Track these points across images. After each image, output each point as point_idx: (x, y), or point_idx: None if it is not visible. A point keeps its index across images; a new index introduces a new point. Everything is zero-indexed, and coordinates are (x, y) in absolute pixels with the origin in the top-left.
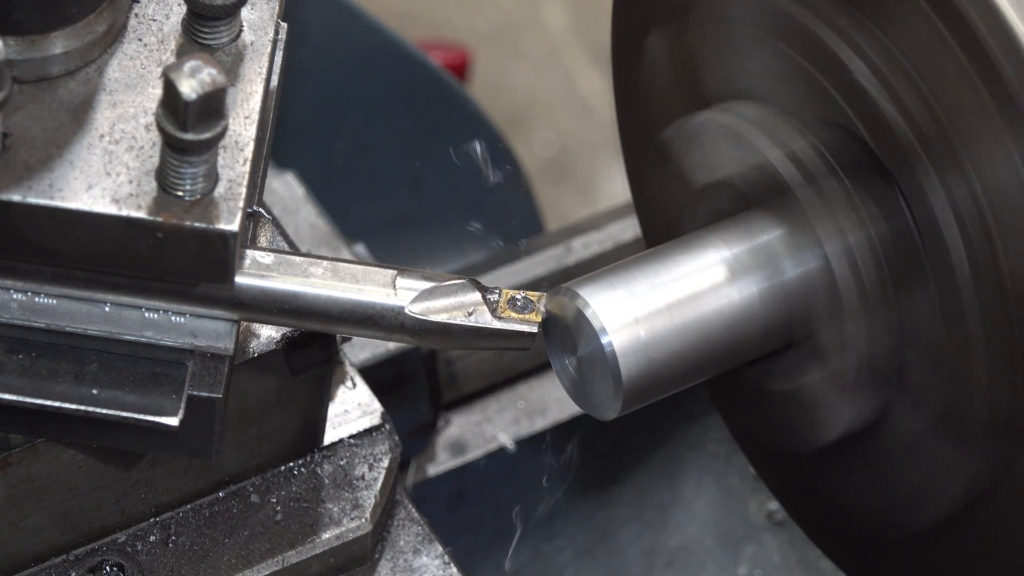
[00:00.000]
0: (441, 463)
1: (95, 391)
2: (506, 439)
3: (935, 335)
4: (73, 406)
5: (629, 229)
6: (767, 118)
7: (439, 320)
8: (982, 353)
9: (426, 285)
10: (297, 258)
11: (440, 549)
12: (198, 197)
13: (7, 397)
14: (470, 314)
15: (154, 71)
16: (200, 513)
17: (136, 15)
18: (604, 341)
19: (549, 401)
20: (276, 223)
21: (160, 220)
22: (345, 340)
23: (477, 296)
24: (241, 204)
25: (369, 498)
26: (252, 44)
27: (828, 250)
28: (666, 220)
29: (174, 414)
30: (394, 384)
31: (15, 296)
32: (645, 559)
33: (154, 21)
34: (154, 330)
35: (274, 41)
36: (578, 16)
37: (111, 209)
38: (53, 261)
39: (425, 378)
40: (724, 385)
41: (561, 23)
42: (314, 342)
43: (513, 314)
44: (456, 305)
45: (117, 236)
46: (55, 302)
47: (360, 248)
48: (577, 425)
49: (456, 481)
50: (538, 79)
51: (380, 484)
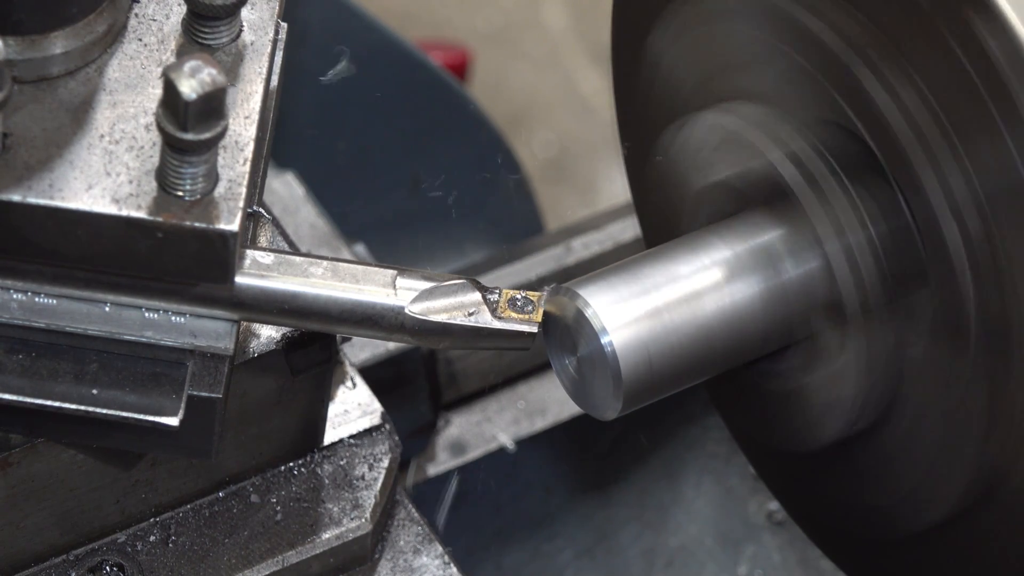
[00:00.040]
0: (441, 463)
1: (95, 391)
2: (506, 439)
3: (935, 335)
4: (73, 406)
5: (629, 229)
6: (767, 118)
7: (439, 320)
8: (982, 353)
9: (426, 285)
10: (297, 258)
11: (440, 549)
12: (198, 197)
13: (7, 397)
14: (470, 314)
15: (154, 71)
16: (200, 513)
17: (136, 15)
18: (604, 341)
19: (549, 401)
20: (276, 223)
21: (160, 220)
22: (345, 340)
23: (477, 296)
24: (241, 204)
25: (369, 498)
26: (252, 44)
27: (828, 250)
28: (666, 220)
29: (174, 414)
30: (394, 384)
31: (15, 296)
32: (645, 559)
33: (154, 21)
34: (154, 330)
35: (274, 41)
36: (578, 16)
37: (111, 209)
38: (53, 261)
39: (425, 378)
40: (724, 385)
41: (561, 23)
42: (314, 342)
43: (513, 314)
44: (456, 305)
45: (117, 236)
46: (55, 302)
47: (360, 248)
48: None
49: (456, 481)
50: (538, 79)
51: (380, 484)
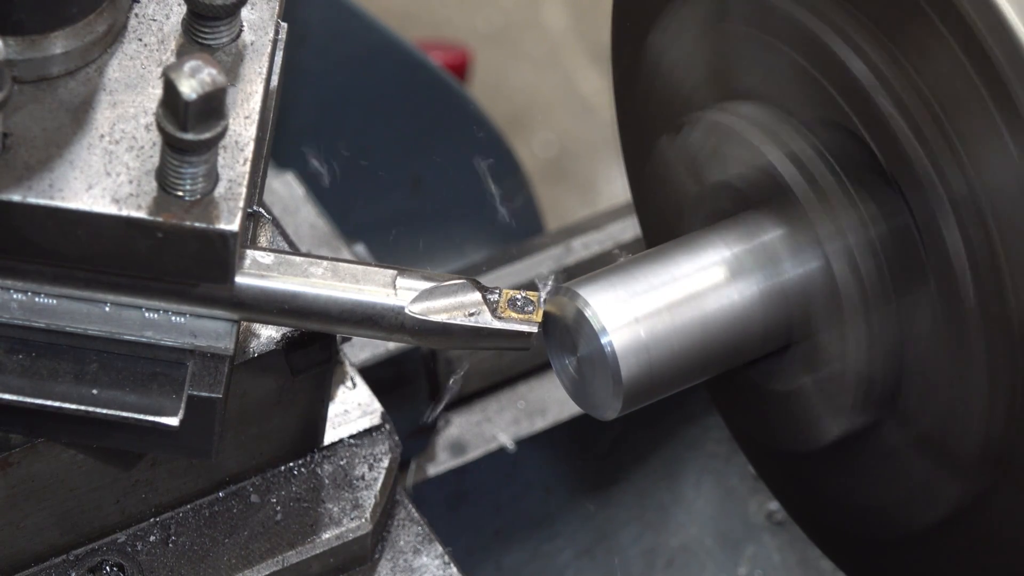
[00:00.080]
0: (441, 463)
1: (95, 391)
2: (506, 439)
3: (935, 335)
4: (73, 406)
5: (629, 229)
6: (767, 118)
7: (439, 320)
8: (982, 353)
9: (426, 285)
10: (297, 258)
11: (440, 549)
12: (198, 197)
13: (7, 397)
14: (470, 314)
15: (154, 71)
16: (200, 513)
17: (136, 15)
18: (604, 341)
19: (549, 401)
20: (276, 223)
21: (160, 220)
22: (345, 340)
23: (477, 296)
24: (241, 204)
25: (369, 498)
26: (252, 44)
27: (828, 250)
28: (666, 220)
29: (174, 414)
30: (394, 384)
31: (15, 296)
32: (645, 559)
33: (154, 21)
34: (154, 330)
35: (274, 41)
36: (578, 16)
37: (111, 209)
38: (53, 261)
39: (425, 378)
40: (724, 385)
41: (561, 23)
42: (314, 342)
43: (513, 314)
44: (456, 305)
45: (117, 236)
46: (55, 302)
47: (360, 248)
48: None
49: (456, 481)
50: (538, 79)
51: (380, 484)
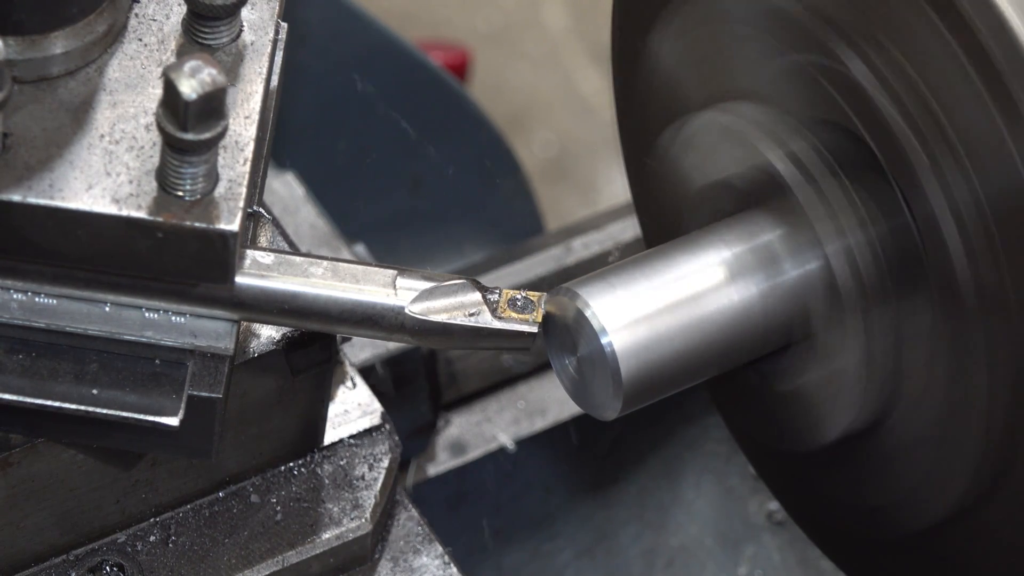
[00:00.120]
0: (441, 463)
1: (95, 391)
2: (506, 439)
3: (935, 335)
4: (73, 406)
5: (629, 229)
6: (767, 118)
7: (439, 320)
8: (982, 353)
9: (426, 285)
10: (297, 258)
11: (440, 549)
12: (198, 197)
13: (7, 397)
14: (470, 314)
15: (154, 71)
16: (200, 513)
17: (136, 15)
18: (604, 341)
19: (549, 401)
20: (276, 223)
21: (160, 220)
22: (345, 340)
23: (477, 296)
24: (241, 204)
25: (369, 498)
26: (252, 44)
27: (828, 250)
28: (666, 220)
29: (174, 414)
30: (394, 384)
31: (15, 296)
32: (645, 559)
33: (154, 21)
34: (154, 330)
35: (274, 41)
36: (578, 16)
37: (111, 209)
38: (53, 261)
39: (425, 378)
40: (724, 385)
41: (561, 23)
42: (314, 342)
43: (513, 314)
44: (456, 305)
45: (117, 236)
46: (55, 302)
47: (360, 248)
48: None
49: (456, 481)
50: (538, 79)
51: (380, 484)
